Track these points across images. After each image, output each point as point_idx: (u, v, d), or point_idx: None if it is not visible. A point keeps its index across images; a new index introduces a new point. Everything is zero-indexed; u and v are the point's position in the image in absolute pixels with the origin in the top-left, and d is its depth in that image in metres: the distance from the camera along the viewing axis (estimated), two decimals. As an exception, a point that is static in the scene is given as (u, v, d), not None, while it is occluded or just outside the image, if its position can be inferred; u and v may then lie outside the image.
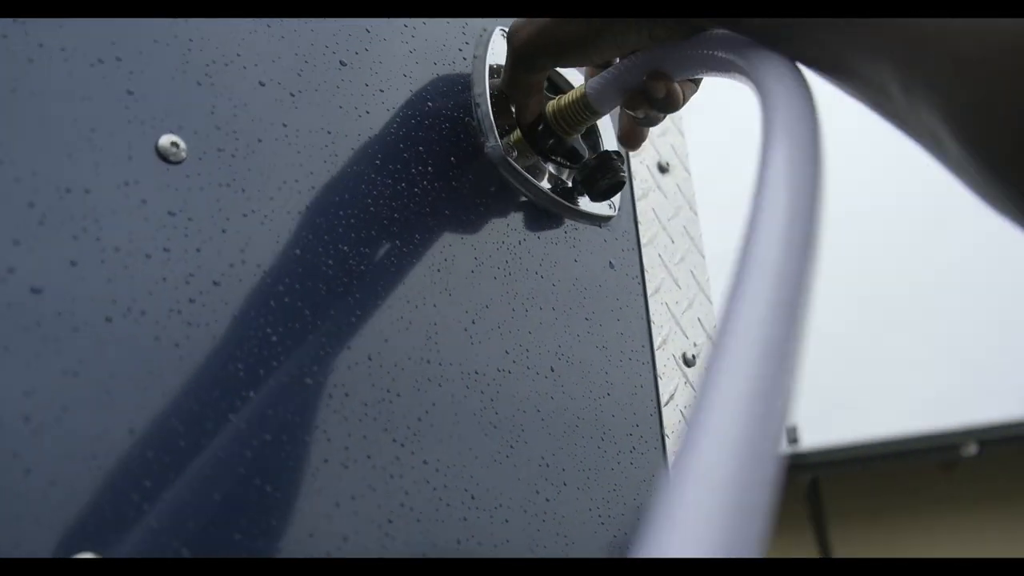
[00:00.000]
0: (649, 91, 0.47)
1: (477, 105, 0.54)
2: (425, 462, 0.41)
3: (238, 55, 0.42)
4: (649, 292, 0.60)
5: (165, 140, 0.37)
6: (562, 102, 0.54)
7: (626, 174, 0.56)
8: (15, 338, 0.30)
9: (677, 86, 0.46)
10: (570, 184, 0.57)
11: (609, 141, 0.61)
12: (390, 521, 0.38)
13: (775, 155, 0.29)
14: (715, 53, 0.42)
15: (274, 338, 0.37)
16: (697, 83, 0.49)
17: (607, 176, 0.55)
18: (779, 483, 0.20)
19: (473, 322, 0.47)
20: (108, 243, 0.34)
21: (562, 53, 0.46)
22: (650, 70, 0.47)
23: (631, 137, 0.53)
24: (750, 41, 0.39)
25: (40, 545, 0.28)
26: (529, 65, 0.49)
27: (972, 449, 4.60)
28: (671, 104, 0.46)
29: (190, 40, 0.40)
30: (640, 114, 0.50)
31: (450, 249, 0.48)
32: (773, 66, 0.36)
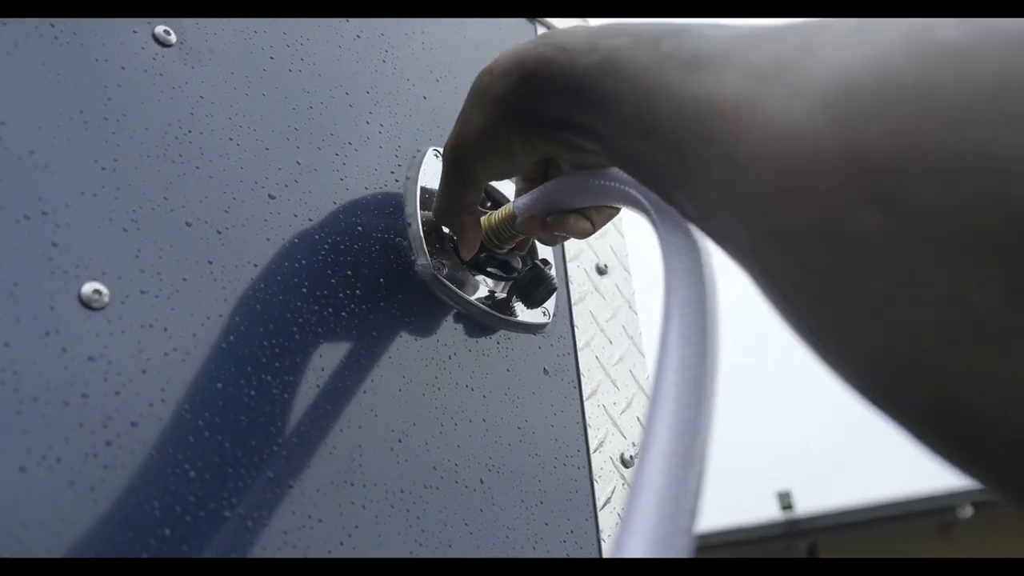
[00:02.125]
0: (564, 224, 0.50)
1: (408, 225, 0.56)
2: (345, 587, 0.42)
3: (165, 198, 0.44)
4: (585, 395, 0.62)
5: (88, 288, 0.39)
6: (492, 219, 0.56)
7: (556, 280, 0.58)
8: (-71, 494, 0.32)
9: (585, 220, 0.49)
10: (504, 295, 0.59)
11: (542, 248, 0.64)
12: (306, 651, 0.39)
13: (671, 311, 0.31)
14: (617, 186, 0.44)
15: (192, 473, 0.39)
16: (609, 212, 0.52)
17: (541, 286, 0.58)
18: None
19: (400, 440, 0.48)
20: (26, 394, 0.36)
21: (480, 153, 0.48)
22: (567, 207, 0.50)
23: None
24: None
25: None
26: (456, 174, 0.49)
27: (968, 511, 4.56)
28: (584, 234, 0.50)
29: (117, 188, 0.43)
30: (560, 233, 0.53)
31: (377, 370, 0.49)
32: (667, 215, 0.38)
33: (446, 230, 0.57)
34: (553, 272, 0.59)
